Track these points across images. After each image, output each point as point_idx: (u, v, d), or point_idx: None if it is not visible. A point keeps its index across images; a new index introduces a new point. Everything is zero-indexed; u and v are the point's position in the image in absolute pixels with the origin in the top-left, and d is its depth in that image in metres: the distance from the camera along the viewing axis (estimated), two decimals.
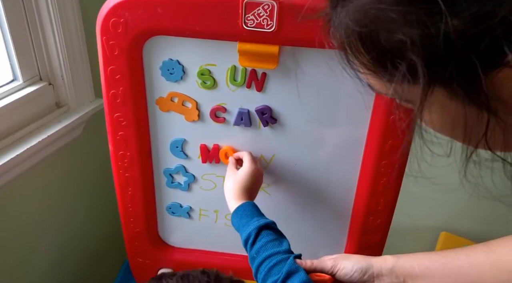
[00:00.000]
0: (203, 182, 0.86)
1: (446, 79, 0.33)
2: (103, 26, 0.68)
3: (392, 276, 0.63)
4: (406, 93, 0.37)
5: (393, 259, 0.64)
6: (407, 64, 0.33)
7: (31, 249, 1.00)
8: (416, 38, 0.32)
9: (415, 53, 0.32)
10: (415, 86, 0.35)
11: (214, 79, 0.74)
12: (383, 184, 0.79)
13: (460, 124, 0.36)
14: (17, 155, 0.85)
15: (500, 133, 0.35)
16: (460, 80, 0.33)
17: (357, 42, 0.36)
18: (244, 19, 0.65)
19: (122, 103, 0.75)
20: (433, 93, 0.35)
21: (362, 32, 0.35)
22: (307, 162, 0.81)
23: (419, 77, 0.33)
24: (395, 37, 0.33)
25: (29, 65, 0.91)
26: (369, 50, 0.36)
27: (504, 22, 0.29)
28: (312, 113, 0.75)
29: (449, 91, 0.34)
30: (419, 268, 0.62)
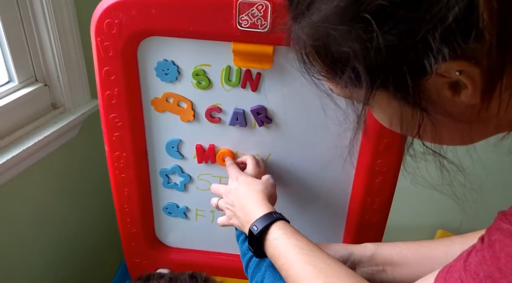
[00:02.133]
0: (199, 182, 0.86)
1: (384, 84, 0.39)
2: (98, 27, 0.68)
3: (371, 263, 0.66)
4: (354, 95, 0.43)
5: (373, 247, 0.67)
6: (352, 71, 0.39)
7: (28, 250, 1.00)
8: (358, 51, 0.37)
9: (357, 62, 0.38)
10: (360, 89, 0.41)
11: (209, 79, 0.74)
12: (379, 183, 0.79)
13: (397, 120, 0.42)
14: (13, 156, 0.85)
15: (431, 129, 0.41)
16: (395, 85, 0.38)
17: (313, 54, 0.42)
18: (238, 19, 0.65)
19: (117, 104, 0.75)
20: (375, 95, 0.40)
21: (316, 45, 0.41)
22: (302, 161, 0.81)
23: (362, 82, 0.39)
24: (342, 49, 0.38)
25: (24, 66, 0.91)
26: (323, 60, 0.42)
27: (423, 40, 0.34)
28: (307, 112, 0.76)
29: (387, 93, 0.40)
30: (397, 256, 0.65)
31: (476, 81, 0.35)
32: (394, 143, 0.74)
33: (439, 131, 0.41)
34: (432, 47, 0.34)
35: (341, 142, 0.78)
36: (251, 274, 0.65)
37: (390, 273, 0.65)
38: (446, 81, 0.37)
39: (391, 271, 0.65)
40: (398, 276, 0.64)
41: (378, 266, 0.65)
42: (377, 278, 0.65)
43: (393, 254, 0.65)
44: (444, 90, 0.38)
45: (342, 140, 0.78)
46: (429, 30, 0.34)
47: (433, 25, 0.33)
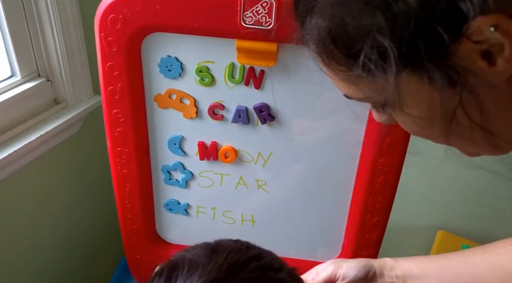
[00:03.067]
0: (201, 179, 0.86)
1: (416, 57, 0.34)
2: (102, 22, 0.68)
3: (392, 276, 0.64)
4: (379, 88, 0.37)
5: (392, 261, 0.66)
6: (377, 50, 0.34)
7: (28, 245, 1.00)
8: (381, 21, 0.33)
9: (382, 36, 0.33)
10: (386, 76, 0.35)
11: (212, 76, 0.74)
12: (381, 182, 0.79)
13: (436, 106, 0.37)
14: (14, 150, 0.85)
15: (476, 107, 0.36)
16: (429, 55, 0.34)
17: (329, 42, 0.37)
18: (243, 16, 0.65)
19: (120, 100, 0.75)
20: (406, 79, 0.35)
21: (330, 26, 0.36)
22: (304, 159, 0.81)
23: (390, 61, 0.34)
24: (362, 24, 0.34)
25: (27, 61, 0.90)
26: (340, 46, 0.37)
27: None
28: (310, 111, 0.75)
29: (420, 72, 0.35)
30: (417, 269, 0.63)
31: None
32: (397, 142, 0.74)
33: (485, 107, 0.36)
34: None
35: (343, 141, 0.78)
36: None
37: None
38: (478, 49, 0.33)
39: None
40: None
41: (398, 278, 0.64)
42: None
43: (413, 267, 0.64)
44: (477, 61, 0.33)
45: (345, 140, 0.78)
46: None
47: None
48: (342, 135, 0.78)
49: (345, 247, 0.89)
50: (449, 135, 0.39)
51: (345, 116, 0.76)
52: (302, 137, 0.79)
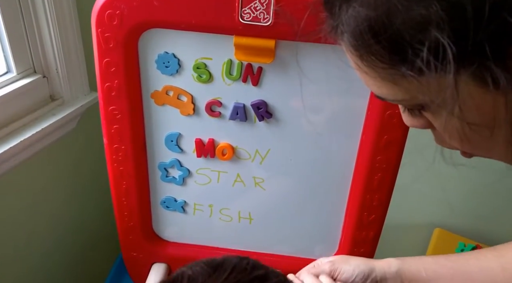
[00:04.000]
0: (198, 176, 0.86)
1: (479, 57, 0.28)
2: (99, 18, 0.67)
3: (397, 280, 0.60)
4: (427, 90, 0.32)
5: (398, 262, 0.61)
6: (431, 46, 0.29)
7: (24, 242, 1.00)
8: (438, 12, 0.27)
9: (437, 29, 0.28)
10: (441, 77, 0.30)
11: (210, 73, 0.73)
12: (378, 180, 0.79)
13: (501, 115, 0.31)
14: (10, 147, 0.84)
15: None
16: (496, 54, 0.28)
17: (369, 35, 0.31)
18: (241, 12, 0.65)
19: (117, 96, 0.74)
20: (463, 85, 0.30)
21: (373, 18, 0.30)
22: (302, 157, 0.81)
23: (447, 61, 0.28)
24: (413, 14, 0.28)
25: (23, 57, 0.90)
26: (384, 40, 0.31)
27: None
28: (308, 108, 0.75)
29: (482, 75, 0.29)
30: (426, 273, 0.59)
31: None
32: (395, 139, 0.74)
33: None
34: None
35: (341, 139, 0.78)
36: None
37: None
38: None
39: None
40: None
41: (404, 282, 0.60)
42: None
43: (421, 270, 0.59)
44: None
45: (342, 137, 0.78)
46: None
47: None
48: (340, 132, 0.77)
49: (342, 244, 0.89)
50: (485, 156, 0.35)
51: (342, 114, 0.75)
52: (300, 135, 0.78)
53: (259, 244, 0.92)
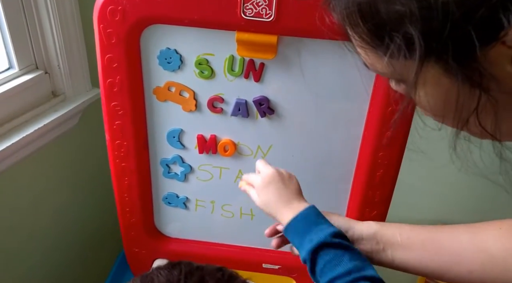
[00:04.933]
0: (199, 173, 0.86)
1: (442, 53, 0.33)
2: (101, 13, 0.67)
3: (372, 241, 0.61)
4: (400, 68, 0.37)
5: (377, 226, 0.62)
6: (404, 37, 0.34)
7: (26, 239, 1.00)
8: (415, 9, 0.32)
9: (413, 24, 0.33)
10: (410, 61, 0.35)
11: (212, 69, 0.73)
12: (380, 176, 0.79)
13: (452, 101, 0.37)
14: (12, 143, 0.84)
15: (491, 111, 0.36)
16: (455, 54, 0.33)
17: (356, 15, 0.36)
18: (243, 8, 0.65)
19: (119, 92, 0.74)
20: (428, 68, 0.35)
21: (361, 3, 0.35)
22: (304, 153, 0.81)
23: (416, 50, 0.34)
24: (394, 8, 0.33)
25: (25, 53, 0.90)
26: (367, 22, 0.36)
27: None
28: (310, 104, 0.75)
29: (443, 66, 0.35)
30: (401, 237, 0.60)
31: None
32: (397, 135, 0.74)
33: (500, 115, 0.36)
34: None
35: (343, 135, 0.78)
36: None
37: (390, 254, 0.60)
38: (510, 54, 0.32)
39: (391, 252, 0.60)
40: (399, 258, 0.60)
41: (378, 245, 0.60)
42: (375, 258, 0.60)
43: (397, 235, 0.60)
44: (506, 65, 0.33)
45: (344, 133, 0.78)
46: None
47: None
48: (342, 128, 0.77)
49: None
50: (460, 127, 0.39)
51: (344, 110, 0.75)
52: (302, 131, 0.78)
53: (260, 240, 0.92)
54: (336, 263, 0.54)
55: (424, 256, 0.59)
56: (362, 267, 0.54)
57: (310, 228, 0.57)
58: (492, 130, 0.38)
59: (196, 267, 0.51)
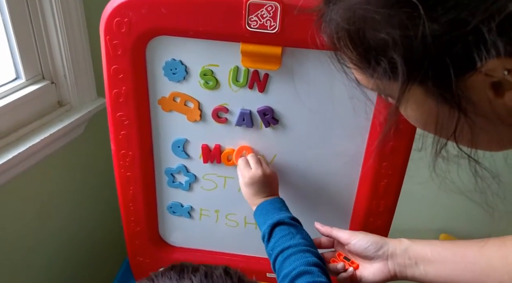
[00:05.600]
0: (204, 182, 0.86)
1: (422, 78, 0.36)
2: (107, 25, 0.68)
3: (405, 257, 0.66)
4: (386, 88, 0.40)
5: (408, 242, 0.67)
6: (389, 62, 0.36)
7: (31, 247, 1.01)
8: (398, 39, 0.34)
9: (396, 52, 0.35)
10: (394, 83, 0.38)
11: (217, 79, 0.74)
12: (384, 186, 0.79)
13: (432, 120, 0.39)
14: (19, 153, 0.85)
15: (468, 131, 0.38)
16: (435, 80, 0.36)
17: (346, 38, 0.39)
18: (248, 20, 0.65)
19: (124, 103, 0.75)
20: (411, 90, 0.37)
21: (350, 29, 0.37)
22: (308, 163, 0.81)
23: (399, 74, 0.36)
24: (379, 36, 0.35)
25: (32, 63, 0.91)
26: (356, 46, 0.39)
27: (476, 31, 0.31)
28: (314, 114, 0.76)
29: (425, 89, 0.37)
30: (431, 253, 0.64)
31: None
32: (400, 145, 0.74)
33: (476, 134, 0.39)
34: (486, 40, 0.31)
35: (347, 145, 0.79)
36: (277, 272, 0.66)
37: (422, 269, 0.64)
38: (488, 81, 0.34)
39: (424, 267, 0.64)
40: (432, 272, 0.64)
41: (411, 259, 0.65)
42: (409, 272, 0.65)
43: (427, 251, 0.65)
44: (485, 91, 0.35)
45: (348, 143, 0.78)
46: (484, 20, 0.31)
47: (489, 14, 0.30)
48: (345, 138, 0.78)
49: None
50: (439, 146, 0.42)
51: (348, 120, 0.76)
52: (306, 141, 0.79)
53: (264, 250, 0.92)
54: (289, 237, 0.67)
55: (455, 269, 0.62)
56: (312, 245, 0.68)
57: (274, 211, 0.72)
58: (468, 151, 0.41)
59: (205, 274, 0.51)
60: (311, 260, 0.64)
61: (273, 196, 0.76)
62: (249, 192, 0.77)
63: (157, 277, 0.51)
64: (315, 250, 0.67)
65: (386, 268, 0.67)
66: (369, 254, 0.68)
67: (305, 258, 0.64)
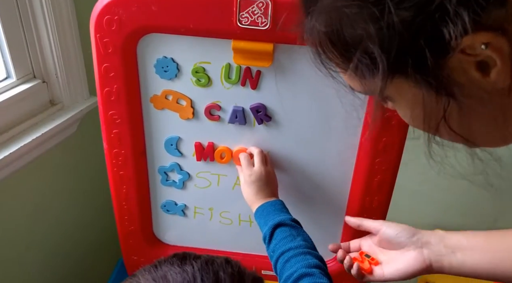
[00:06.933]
0: (198, 180, 0.86)
1: (403, 67, 0.36)
2: (97, 23, 0.68)
3: (440, 245, 0.65)
4: (370, 86, 0.40)
5: (443, 232, 0.66)
6: (368, 56, 0.37)
7: (25, 247, 1.00)
8: (372, 31, 0.35)
9: (372, 44, 0.36)
10: (377, 78, 0.38)
11: (209, 77, 0.74)
12: (377, 182, 0.79)
13: (420, 110, 0.39)
14: (10, 153, 0.84)
15: (458, 116, 0.38)
16: (415, 66, 0.36)
17: (326, 42, 0.40)
18: (239, 17, 0.65)
19: (116, 101, 0.75)
20: (394, 82, 0.38)
21: (328, 32, 0.39)
22: (301, 159, 0.81)
23: (378, 67, 0.37)
24: (355, 32, 0.37)
25: (22, 62, 0.90)
26: (337, 47, 0.40)
27: (440, 7, 0.32)
28: (307, 111, 0.76)
29: (407, 79, 0.37)
30: (468, 242, 0.64)
31: (505, 54, 0.33)
32: (394, 141, 0.74)
33: (467, 118, 0.39)
34: (449, 12, 0.32)
35: (340, 141, 0.78)
36: (279, 274, 0.66)
37: (460, 257, 0.63)
38: (472, 60, 0.34)
39: (461, 255, 0.63)
40: (470, 261, 0.62)
41: (447, 248, 0.64)
42: (445, 261, 0.63)
43: (463, 240, 0.64)
44: (471, 71, 0.35)
45: (341, 139, 0.78)
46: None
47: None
48: (339, 134, 0.78)
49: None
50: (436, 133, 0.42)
51: (341, 116, 0.76)
52: (299, 138, 0.79)
53: (259, 247, 0.92)
54: (290, 239, 0.67)
55: (494, 258, 0.61)
56: (313, 247, 0.67)
57: (274, 212, 0.72)
58: (463, 134, 0.40)
59: (206, 261, 0.51)
60: (312, 262, 0.63)
61: (273, 196, 0.76)
62: (250, 191, 0.76)
63: (160, 263, 0.51)
64: (315, 252, 0.67)
65: (421, 256, 0.65)
66: (402, 240, 0.67)
67: (306, 260, 0.63)
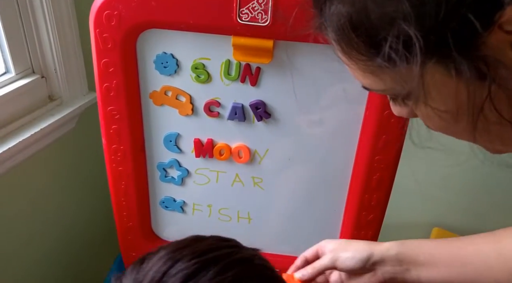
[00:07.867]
0: (196, 176, 0.86)
1: (442, 48, 0.32)
2: (97, 18, 0.67)
3: (394, 263, 0.62)
4: (402, 78, 0.36)
5: (397, 246, 0.63)
6: (402, 39, 0.33)
7: (23, 243, 1.00)
8: (406, 8, 0.31)
9: (407, 23, 0.32)
10: (410, 67, 0.34)
11: (208, 73, 0.74)
12: (376, 179, 0.79)
13: (463, 101, 0.35)
14: (8, 148, 0.84)
15: (504, 99, 0.35)
16: (457, 45, 0.32)
17: (349, 30, 0.35)
18: (239, 13, 0.65)
19: (115, 97, 0.74)
20: (430, 72, 0.34)
21: (352, 14, 0.34)
22: (300, 156, 0.81)
23: (415, 52, 0.32)
24: (385, 11, 0.33)
25: (21, 57, 0.90)
26: (361, 34, 0.35)
27: None
28: (306, 108, 0.75)
29: (446, 65, 0.33)
30: (424, 256, 0.60)
31: None
32: (393, 139, 0.74)
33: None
34: None
35: (339, 138, 0.78)
36: None
37: (415, 274, 0.60)
38: (509, 40, 0.32)
39: (416, 271, 0.60)
40: (424, 276, 0.60)
41: (402, 265, 0.61)
42: (399, 278, 0.61)
43: (419, 254, 0.60)
44: (508, 52, 0.32)
45: (340, 137, 0.78)
46: None
47: None
48: (338, 132, 0.78)
49: None
50: (476, 131, 0.37)
51: (341, 114, 0.76)
52: (298, 135, 0.79)
53: (258, 244, 0.91)
54: None
55: (450, 272, 0.59)
56: None
57: None
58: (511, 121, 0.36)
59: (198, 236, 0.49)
60: None
61: None
62: None
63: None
64: None
65: (376, 278, 0.63)
66: (358, 272, 0.64)
67: None
